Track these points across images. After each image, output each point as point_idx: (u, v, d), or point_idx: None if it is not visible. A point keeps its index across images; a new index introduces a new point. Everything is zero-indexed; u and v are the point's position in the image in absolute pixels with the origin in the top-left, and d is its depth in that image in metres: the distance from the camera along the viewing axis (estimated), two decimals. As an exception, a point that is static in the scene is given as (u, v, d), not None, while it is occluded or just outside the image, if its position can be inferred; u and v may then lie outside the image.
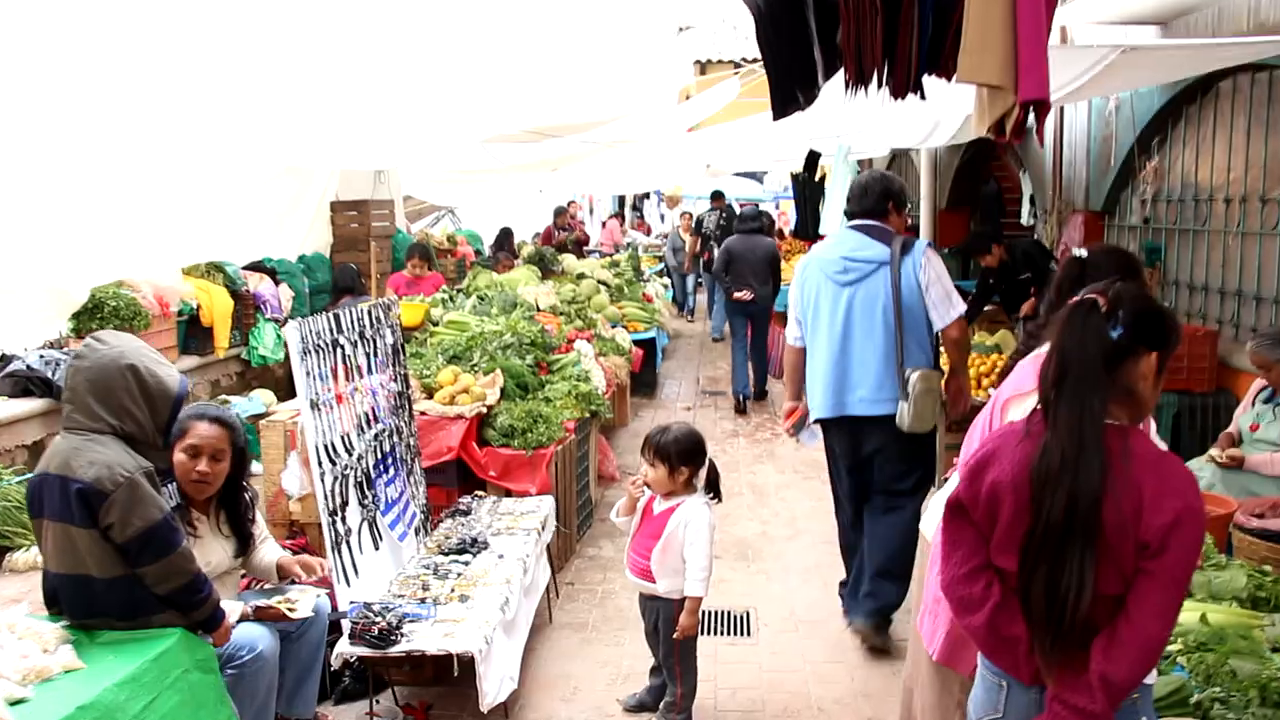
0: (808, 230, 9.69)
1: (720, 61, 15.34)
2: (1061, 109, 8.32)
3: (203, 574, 3.00)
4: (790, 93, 3.00)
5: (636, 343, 9.40)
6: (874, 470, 4.39)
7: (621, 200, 26.97)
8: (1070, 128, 8.55)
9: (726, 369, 11.72)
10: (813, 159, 8.87)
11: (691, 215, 13.02)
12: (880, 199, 4.40)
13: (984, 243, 8.12)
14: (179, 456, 3.26)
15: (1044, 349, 2.11)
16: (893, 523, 4.35)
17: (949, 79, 2.59)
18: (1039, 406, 2.02)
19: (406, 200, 14.65)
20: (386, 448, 4.35)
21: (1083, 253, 2.73)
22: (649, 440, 3.62)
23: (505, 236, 14.09)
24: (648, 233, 21.24)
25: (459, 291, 7.97)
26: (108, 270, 6.32)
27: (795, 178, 9.82)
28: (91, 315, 5.95)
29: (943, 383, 4.35)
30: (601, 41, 6.72)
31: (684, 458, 3.58)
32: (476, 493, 5.11)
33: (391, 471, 4.37)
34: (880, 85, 2.56)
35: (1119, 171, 7.72)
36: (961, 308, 4.29)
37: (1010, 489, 1.99)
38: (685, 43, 7.74)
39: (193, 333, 7.38)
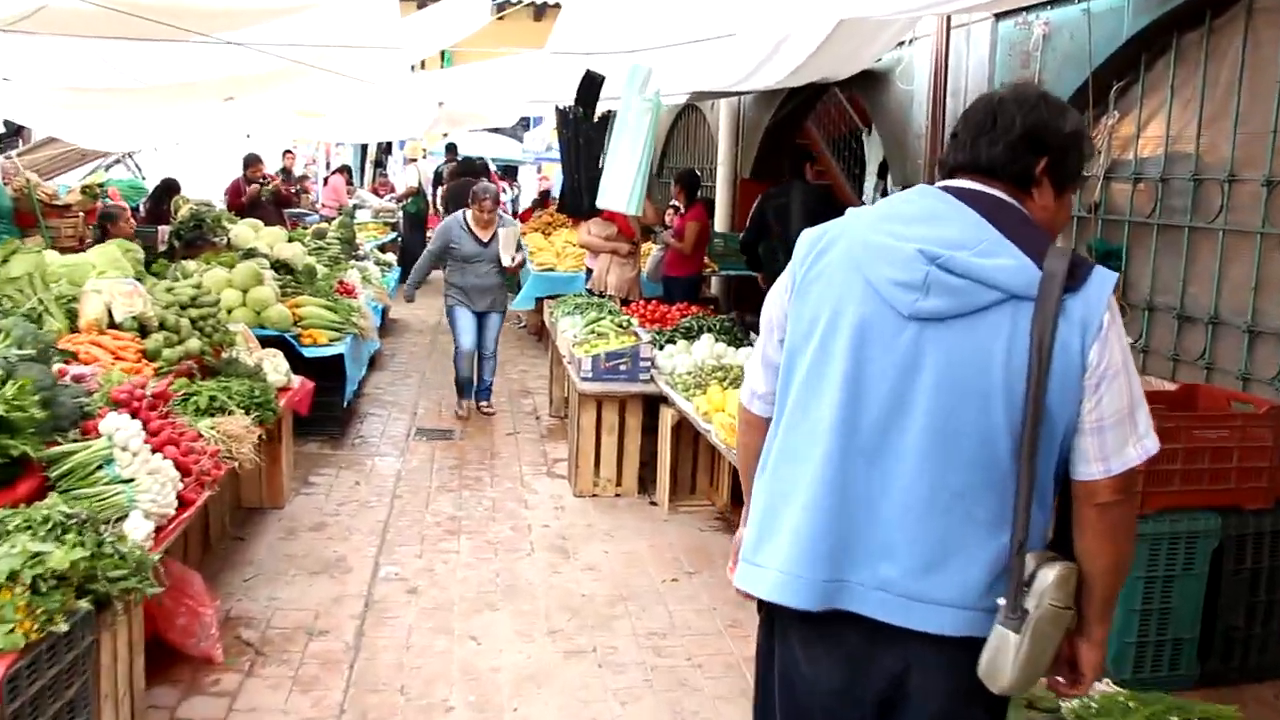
0: (580, 200, 6.16)
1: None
2: (948, 34, 5.65)
3: None
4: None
5: (316, 362, 6.07)
6: None
7: (363, 152, 22.79)
8: (958, 66, 5.92)
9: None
10: (590, 88, 5.60)
11: (505, 190, 8.92)
12: (1021, 144, 1.78)
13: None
14: None
15: None
16: None
17: None
18: None
19: (51, 142, 10.67)
20: None
21: None
22: None
23: (164, 191, 10.41)
24: (387, 193, 17.33)
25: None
26: None
27: (563, 118, 6.23)
28: None
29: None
30: None
31: None
32: None
33: None
34: None
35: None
36: (1151, 447, 1.76)
37: None
38: None
39: None
